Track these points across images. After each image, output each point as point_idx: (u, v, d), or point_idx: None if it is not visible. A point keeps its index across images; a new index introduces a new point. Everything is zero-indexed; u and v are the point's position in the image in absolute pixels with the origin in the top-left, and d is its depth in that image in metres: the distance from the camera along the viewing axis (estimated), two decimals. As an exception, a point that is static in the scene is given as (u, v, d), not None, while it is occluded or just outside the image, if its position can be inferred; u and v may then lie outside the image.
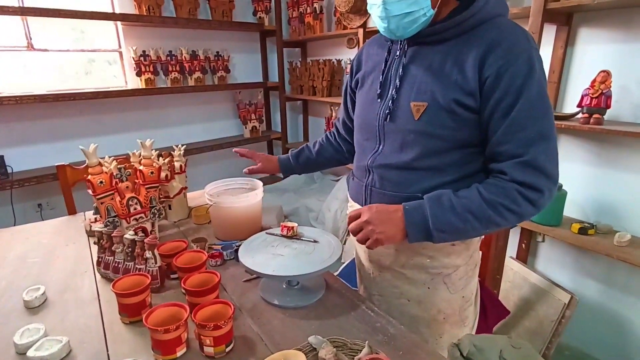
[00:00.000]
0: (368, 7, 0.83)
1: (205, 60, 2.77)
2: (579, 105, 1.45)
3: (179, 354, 0.79)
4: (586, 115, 1.41)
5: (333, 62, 2.76)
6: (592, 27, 1.52)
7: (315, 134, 3.35)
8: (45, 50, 2.24)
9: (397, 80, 0.84)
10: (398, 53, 0.86)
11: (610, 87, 1.37)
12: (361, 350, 0.74)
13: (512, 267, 1.89)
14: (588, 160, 1.62)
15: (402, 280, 0.94)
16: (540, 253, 1.87)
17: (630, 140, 1.48)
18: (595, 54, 1.52)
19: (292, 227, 1.09)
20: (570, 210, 1.68)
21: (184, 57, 2.65)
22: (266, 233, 1.13)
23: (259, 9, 2.95)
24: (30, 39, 2.17)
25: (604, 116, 1.41)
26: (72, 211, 1.60)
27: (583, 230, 1.50)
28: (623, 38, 1.44)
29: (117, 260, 1.06)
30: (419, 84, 0.80)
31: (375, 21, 0.82)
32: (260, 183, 1.36)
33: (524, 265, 1.85)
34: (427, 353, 0.78)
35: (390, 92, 0.85)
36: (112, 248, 1.06)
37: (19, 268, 1.15)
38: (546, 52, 1.62)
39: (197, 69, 2.70)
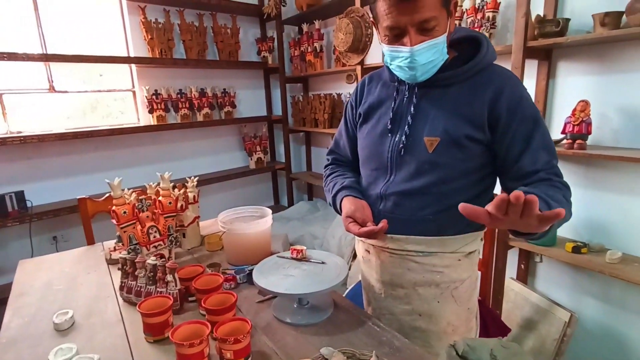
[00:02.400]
0: (387, 59, 0.93)
1: (213, 97, 2.93)
2: (563, 132, 1.56)
3: (201, 367, 0.86)
4: (570, 141, 1.53)
5: (333, 96, 2.92)
6: (570, 61, 1.67)
7: (317, 163, 3.47)
8: (65, 92, 2.41)
9: (410, 118, 0.95)
10: (407, 93, 0.97)
11: (590, 114, 1.49)
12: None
13: (512, 287, 1.94)
14: (577, 182, 1.72)
15: (414, 297, 1.02)
16: (539, 273, 1.94)
17: (612, 163, 1.59)
18: (574, 85, 1.66)
19: (302, 250, 1.18)
20: (564, 230, 1.76)
21: (193, 94, 2.81)
22: (277, 256, 1.21)
23: (263, 49, 3.16)
24: (52, 81, 2.34)
25: (587, 141, 1.52)
26: (90, 241, 1.69)
27: (576, 249, 1.58)
28: (598, 70, 1.58)
29: (140, 285, 1.14)
30: (431, 121, 0.92)
31: (397, 70, 0.92)
32: (270, 211, 1.46)
33: (524, 286, 1.91)
34: (429, 361, 0.86)
35: (403, 128, 0.96)
36: (135, 273, 1.15)
37: (45, 295, 1.23)
38: (530, 85, 1.76)
39: (205, 105, 2.86)
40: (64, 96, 2.42)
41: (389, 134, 0.98)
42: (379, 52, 2.50)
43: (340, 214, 1.05)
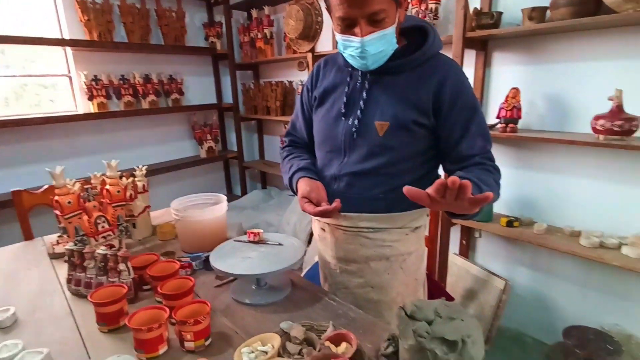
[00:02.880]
0: (340, 47, 0.97)
1: (158, 84, 2.81)
2: (498, 117, 1.71)
3: (161, 351, 0.86)
4: (503, 125, 1.68)
5: (285, 83, 2.92)
6: (503, 52, 1.81)
7: (270, 151, 3.47)
8: (-11, 76, 2.19)
9: (362, 103, 1.00)
10: (360, 79, 1.02)
11: (520, 101, 1.64)
12: (326, 330, 0.86)
13: (455, 262, 2.10)
14: (509, 163, 1.89)
15: (367, 270, 1.08)
16: (479, 247, 2.11)
17: (539, 145, 1.77)
18: (507, 74, 1.81)
19: (258, 233, 1.20)
20: (499, 207, 1.93)
21: (137, 80, 2.68)
22: (234, 240, 1.22)
23: (211, 34, 3.07)
24: (-28, 65, 2.11)
25: (518, 125, 1.68)
26: (29, 237, 1.58)
27: (510, 223, 1.74)
28: (527, 61, 1.74)
29: (90, 276, 1.10)
30: (382, 107, 0.97)
31: (350, 59, 0.97)
32: (224, 197, 1.45)
33: (465, 260, 2.07)
34: (382, 329, 0.92)
35: (355, 113, 1.01)
36: (84, 264, 1.10)
37: (-19, 293, 1.14)
38: (469, 73, 1.89)
39: (150, 92, 2.74)
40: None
41: (343, 118, 1.03)
42: (329, 39, 2.53)
43: (297, 195, 1.08)
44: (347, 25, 0.90)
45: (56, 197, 1.18)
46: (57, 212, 1.18)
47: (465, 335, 0.66)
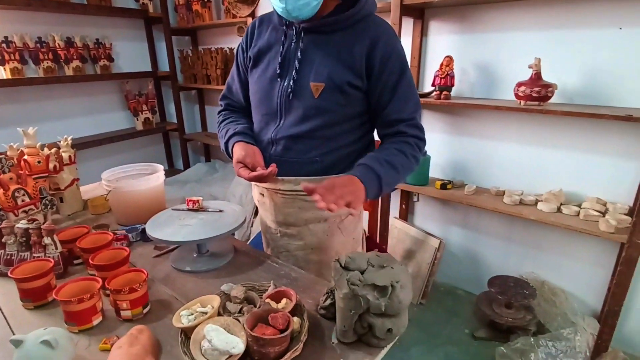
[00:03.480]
0: None
1: (83, 48, 2.56)
2: (433, 85, 1.78)
3: (95, 322, 0.83)
4: (438, 92, 1.75)
5: (225, 50, 2.79)
6: (439, 21, 1.87)
7: (213, 122, 3.35)
8: None
9: (297, 63, 0.97)
10: (295, 38, 0.99)
11: (453, 69, 1.72)
12: (268, 290, 0.88)
13: (396, 225, 2.22)
14: (444, 129, 2.00)
15: (306, 233, 1.10)
16: (417, 211, 2.24)
17: (470, 111, 1.88)
18: (443, 42, 1.88)
19: (198, 201, 1.17)
20: (434, 172, 2.05)
21: (58, 44, 2.42)
22: (172, 209, 1.19)
23: (141, -5, 2.83)
24: None
25: (451, 92, 1.76)
26: None
27: (443, 186, 1.86)
28: (460, 30, 1.82)
29: (10, 253, 1.02)
30: (317, 67, 0.96)
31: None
32: (161, 166, 1.39)
33: (405, 222, 2.19)
34: (322, 285, 0.96)
35: (291, 74, 0.98)
36: (2, 240, 1.01)
37: None
38: (407, 42, 1.94)
39: (74, 57, 2.49)
40: None
41: (278, 79, 1.00)
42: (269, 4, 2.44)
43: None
44: None
45: (-39, 169, 1.06)
46: (-36, 185, 1.07)
47: (394, 281, 0.71)
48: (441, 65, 1.73)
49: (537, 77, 1.50)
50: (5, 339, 0.78)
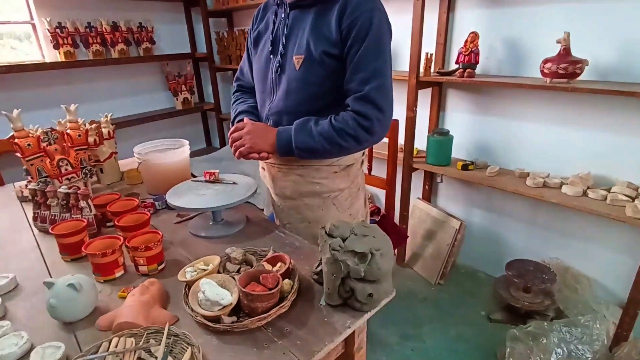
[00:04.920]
0: None
1: (128, 32, 2.74)
2: (456, 62, 1.74)
3: (117, 274, 0.95)
4: (461, 70, 1.71)
5: (258, 31, 2.85)
6: (466, -6, 1.81)
7: (248, 103, 3.45)
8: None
9: (284, 39, 1.02)
10: (283, 16, 1.04)
11: (478, 45, 1.66)
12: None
13: (418, 206, 2.22)
14: (468, 108, 1.94)
15: (302, 207, 1.16)
16: (440, 192, 2.22)
17: (496, 90, 1.81)
18: (470, 18, 1.81)
19: (214, 173, 1.27)
20: (458, 152, 2.01)
21: (105, 28, 2.60)
22: (191, 180, 1.29)
23: (180, -22, 2.95)
24: None
25: (475, 70, 1.71)
26: (-1, 182, 1.63)
27: (465, 167, 1.83)
28: (488, 3, 1.74)
29: (53, 214, 1.17)
30: (299, 41, 0.99)
31: None
32: (186, 142, 1.50)
33: (427, 203, 2.19)
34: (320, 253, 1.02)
35: (279, 49, 1.03)
36: (47, 202, 1.17)
37: (-48, 232, 1.21)
38: (433, 18, 1.88)
39: (119, 40, 2.67)
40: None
41: (271, 56, 1.06)
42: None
43: None
44: None
45: (16, 140, 1.22)
46: (18, 154, 1.23)
47: (374, 249, 0.76)
48: (465, 42, 1.68)
49: (565, 52, 1.42)
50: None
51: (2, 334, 0.75)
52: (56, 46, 2.42)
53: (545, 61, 1.45)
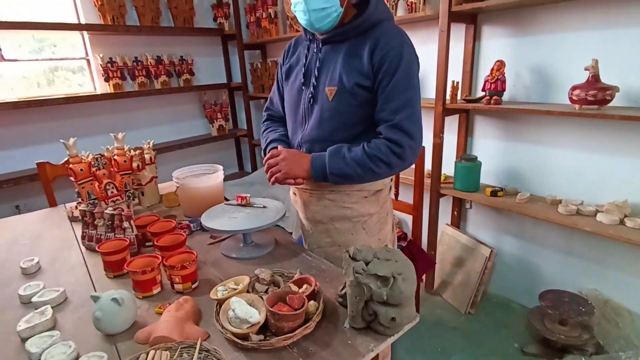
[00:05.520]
0: (292, 7, 1.06)
1: (170, 65, 2.96)
2: (483, 90, 1.76)
3: (155, 291, 1.02)
4: (488, 97, 1.72)
5: (290, 62, 3.00)
6: (492, 25, 1.84)
7: (279, 129, 3.58)
8: (15, 60, 2.38)
9: (316, 71, 1.10)
10: (315, 50, 1.12)
11: (504, 73, 1.68)
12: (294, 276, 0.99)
13: (447, 232, 2.19)
14: (496, 135, 1.94)
15: (333, 230, 1.20)
16: (470, 218, 2.19)
17: (525, 117, 1.81)
18: (496, 46, 1.84)
19: (246, 197, 1.34)
20: (486, 178, 1.99)
21: (150, 62, 2.83)
22: (225, 204, 1.37)
23: (219, 15, 3.16)
24: (0, 50, 2.31)
25: (502, 97, 1.72)
26: (52, 204, 1.78)
27: (494, 193, 1.81)
28: (514, 33, 1.76)
29: (100, 233, 1.27)
30: (331, 73, 1.07)
31: (299, 17, 1.06)
32: (221, 167, 1.59)
33: (456, 230, 2.16)
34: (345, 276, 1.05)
35: (311, 81, 1.11)
36: (95, 222, 1.27)
37: (11, 248, 1.34)
38: (459, 48, 1.93)
39: (162, 72, 2.89)
40: (16, 68, 2.39)
41: (303, 88, 1.13)
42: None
43: None
44: None
45: (70, 165, 1.34)
46: (72, 178, 1.35)
47: (396, 273, 0.78)
48: (492, 70, 1.70)
49: (594, 79, 1.41)
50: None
51: (52, 342, 0.83)
52: (107, 79, 2.65)
53: (574, 88, 1.45)
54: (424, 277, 2.08)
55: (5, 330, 0.90)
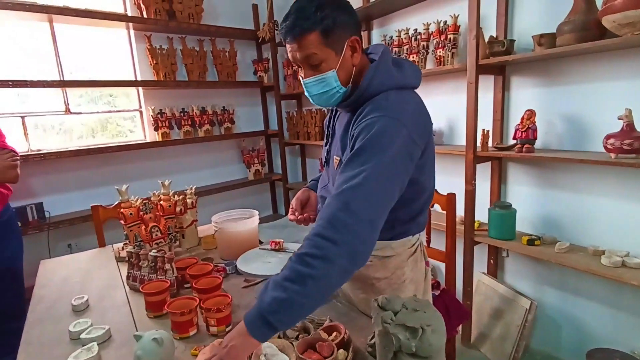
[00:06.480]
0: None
1: (213, 115, 3.19)
2: (514, 138, 1.77)
3: (191, 333, 1.06)
4: (519, 145, 1.73)
5: (324, 110, 3.16)
6: (520, 76, 1.88)
7: (312, 173, 3.69)
8: (80, 113, 2.68)
9: (330, 138, 1.15)
10: (332, 115, 1.18)
11: (535, 122, 1.69)
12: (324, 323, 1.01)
13: (483, 281, 2.12)
14: (530, 182, 1.91)
15: (348, 287, 1.18)
16: (507, 267, 2.11)
17: (558, 165, 1.78)
18: (525, 96, 1.87)
19: (279, 242, 1.39)
20: (522, 226, 1.94)
21: (195, 112, 3.07)
22: (259, 248, 1.43)
23: (259, 69, 3.42)
24: (68, 104, 2.61)
25: (534, 145, 1.72)
26: (102, 244, 1.92)
27: (531, 242, 1.76)
28: (543, 83, 1.79)
29: (143, 274, 1.35)
30: (336, 141, 1.07)
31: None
32: (256, 212, 1.67)
33: (493, 279, 2.08)
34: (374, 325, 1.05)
35: (327, 144, 1.17)
36: (140, 264, 1.36)
37: (64, 285, 1.45)
38: (488, 98, 1.97)
39: (206, 122, 3.12)
40: (78, 117, 2.69)
41: (327, 147, 1.18)
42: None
43: None
44: (299, 67, 0.98)
45: (121, 210, 1.47)
46: (122, 221, 1.47)
47: (425, 324, 0.79)
48: (522, 118, 1.72)
49: (629, 128, 1.40)
50: (132, 335, 1.07)
51: (97, 379, 0.88)
52: (156, 128, 2.89)
53: (608, 137, 1.44)
54: (459, 328, 2.00)
55: (55, 365, 0.98)
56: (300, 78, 1.00)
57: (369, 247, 0.80)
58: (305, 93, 1.01)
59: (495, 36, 1.86)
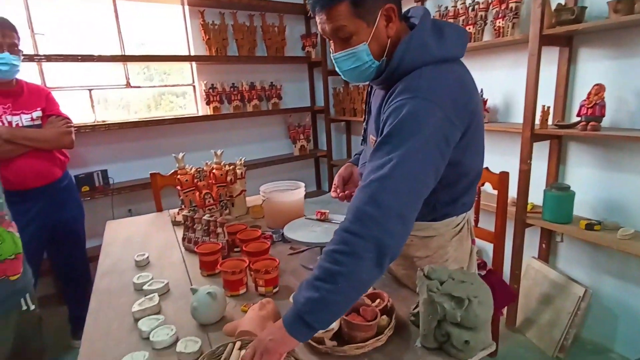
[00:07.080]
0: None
1: (261, 90, 3.24)
2: (578, 115, 1.64)
3: (241, 291, 1.13)
4: (584, 123, 1.60)
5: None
6: (590, 47, 1.72)
7: (356, 150, 3.65)
8: (139, 87, 2.83)
9: (367, 115, 1.12)
10: (370, 91, 1.13)
11: (603, 98, 1.56)
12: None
13: (533, 266, 2.03)
14: (592, 163, 1.78)
15: (393, 264, 1.15)
16: (560, 252, 2.00)
17: (629, 144, 1.63)
18: (594, 69, 1.71)
19: (325, 213, 1.42)
20: (581, 209, 1.82)
21: (244, 87, 3.14)
22: (305, 218, 1.46)
23: (307, 45, 3.41)
24: (129, 78, 2.77)
25: (601, 123, 1.59)
26: (159, 209, 2.05)
27: (589, 227, 1.65)
28: (615, 55, 1.63)
29: (197, 236, 1.45)
30: (372, 120, 1.04)
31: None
32: (302, 184, 1.71)
33: (544, 264, 1.99)
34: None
35: (364, 122, 1.14)
36: (194, 227, 1.45)
37: (127, 244, 1.58)
38: (551, 71, 1.83)
39: (254, 97, 3.18)
40: (136, 92, 2.85)
41: (365, 125, 1.15)
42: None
43: None
44: (329, 41, 0.93)
45: (178, 176, 1.56)
46: (178, 187, 1.57)
47: (471, 295, 0.78)
48: (589, 94, 1.59)
49: None
50: (188, 288, 1.16)
51: (158, 325, 0.97)
52: (208, 102, 3.00)
53: (690, 114, 1.30)
54: (504, 310, 1.95)
55: (122, 310, 1.08)
56: (331, 52, 0.95)
57: (398, 241, 0.77)
58: (336, 69, 0.95)
59: (563, 3, 1.71)
